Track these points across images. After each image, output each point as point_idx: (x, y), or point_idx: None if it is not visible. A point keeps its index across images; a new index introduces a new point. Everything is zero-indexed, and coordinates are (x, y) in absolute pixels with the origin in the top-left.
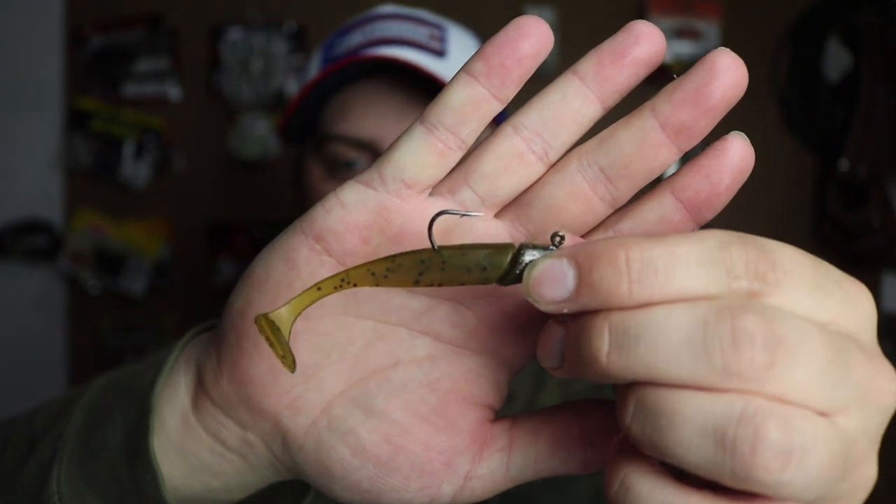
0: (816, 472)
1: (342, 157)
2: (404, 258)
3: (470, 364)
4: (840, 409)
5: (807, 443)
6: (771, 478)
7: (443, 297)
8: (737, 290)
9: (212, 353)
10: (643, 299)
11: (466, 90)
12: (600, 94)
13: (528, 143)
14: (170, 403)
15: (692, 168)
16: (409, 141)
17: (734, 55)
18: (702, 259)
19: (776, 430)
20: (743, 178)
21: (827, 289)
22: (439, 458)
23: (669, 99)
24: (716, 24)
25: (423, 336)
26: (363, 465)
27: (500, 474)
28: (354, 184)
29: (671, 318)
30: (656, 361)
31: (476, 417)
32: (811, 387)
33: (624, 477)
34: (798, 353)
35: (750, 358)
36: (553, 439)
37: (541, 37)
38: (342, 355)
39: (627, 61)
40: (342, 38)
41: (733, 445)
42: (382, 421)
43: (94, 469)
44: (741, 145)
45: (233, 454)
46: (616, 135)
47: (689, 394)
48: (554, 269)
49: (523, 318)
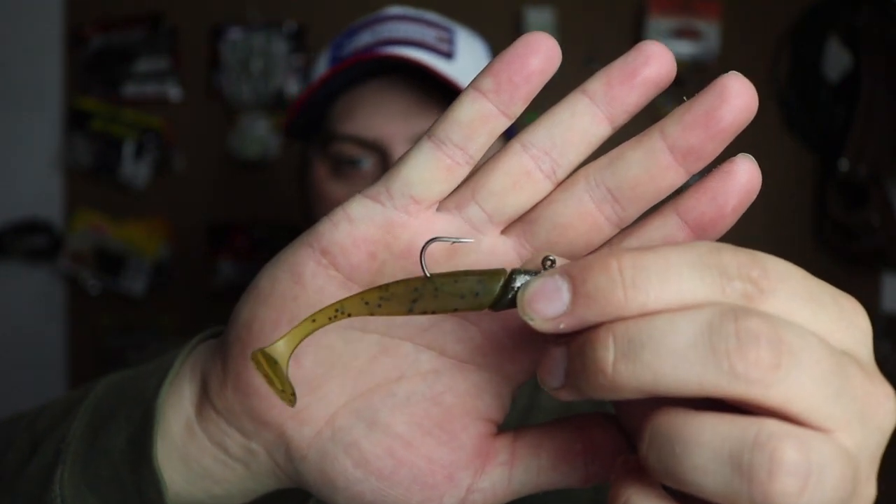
0: (832, 494)
1: (347, 155)
2: (397, 287)
3: (474, 379)
4: (842, 425)
5: (823, 463)
6: (789, 502)
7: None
8: (731, 293)
9: (217, 363)
10: (639, 304)
11: (475, 106)
12: (609, 114)
13: (537, 160)
14: (174, 410)
15: (698, 189)
16: (418, 156)
17: (745, 79)
18: (693, 263)
19: (793, 451)
20: (749, 200)
21: (822, 301)
22: (441, 472)
23: (679, 122)
24: (716, 24)
25: (428, 350)
26: (366, 477)
27: (502, 487)
28: (362, 198)
29: (675, 324)
30: (662, 367)
31: (479, 431)
32: (815, 395)
33: (626, 499)
34: (802, 358)
35: (756, 358)
36: (555, 453)
37: (549, 52)
38: (347, 368)
39: (637, 81)
40: (351, 38)
41: (750, 470)
42: (386, 434)
43: (97, 472)
44: (748, 167)
45: (236, 462)
46: (624, 155)
47: (703, 418)
48: (547, 285)
49: (527, 334)
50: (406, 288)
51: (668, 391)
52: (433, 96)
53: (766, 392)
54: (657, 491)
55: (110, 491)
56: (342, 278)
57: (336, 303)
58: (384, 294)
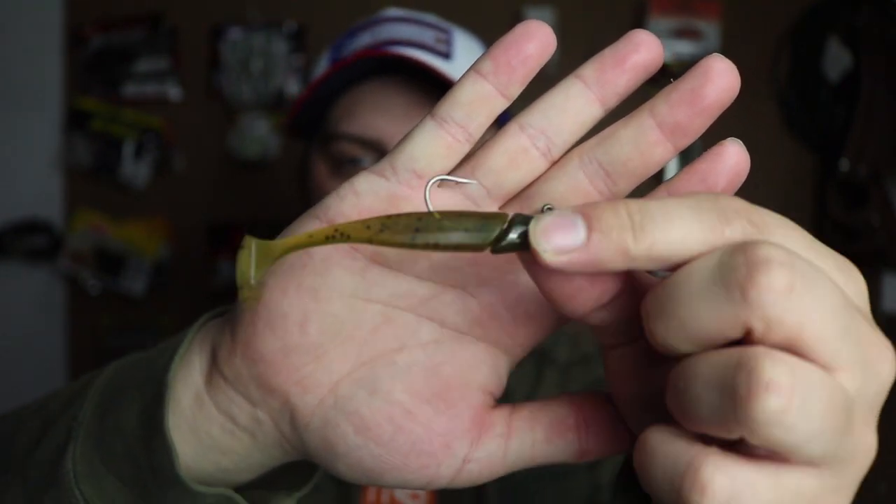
0: (820, 422)
1: (347, 154)
2: (400, 217)
3: (472, 350)
4: (846, 365)
5: (809, 387)
6: (769, 418)
7: (448, 283)
8: (731, 234)
9: (226, 332)
10: (646, 245)
11: (475, 86)
12: (601, 96)
13: (533, 140)
14: (184, 382)
15: (688, 171)
16: (421, 133)
17: (728, 61)
18: (692, 206)
19: (773, 369)
20: (738, 181)
21: (821, 252)
22: (439, 440)
23: (666, 100)
24: (716, 24)
25: (429, 321)
26: (366, 443)
27: (498, 459)
28: (367, 174)
29: (688, 273)
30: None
31: (476, 402)
32: (826, 327)
33: (644, 435)
34: (816, 286)
35: (768, 282)
36: (550, 427)
37: (544, 39)
38: (351, 337)
39: (627, 66)
40: (351, 39)
41: (732, 390)
42: (386, 401)
43: (110, 447)
44: (736, 150)
45: (243, 432)
46: (616, 133)
47: (704, 353)
48: (565, 217)
49: (523, 308)
50: (409, 219)
51: (692, 339)
52: (433, 96)
53: (781, 315)
54: (671, 426)
55: (123, 465)
56: (347, 247)
57: (337, 224)
58: (387, 221)
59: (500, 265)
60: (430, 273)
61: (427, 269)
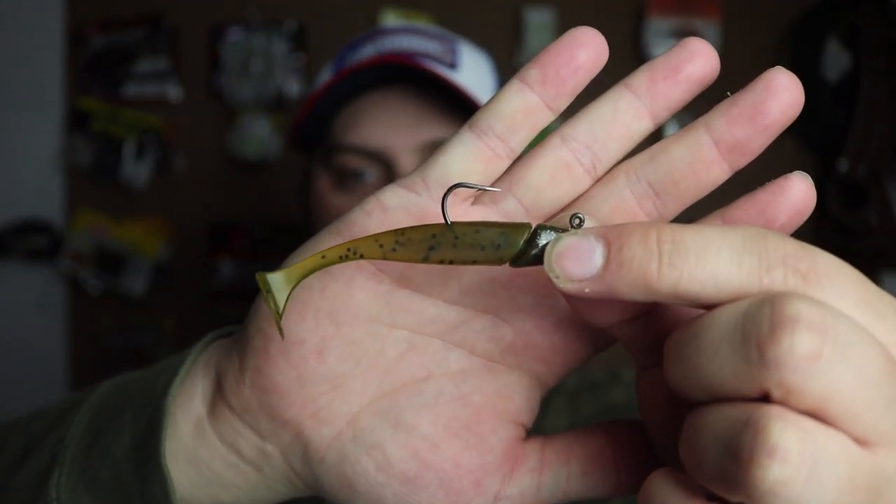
0: (835, 499)
1: (351, 167)
2: (414, 232)
3: (504, 380)
4: (885, 441)
5: (824, 458)
6: (770, 488)
7: (480, 309)
8: (769, 283)
9: (234, 359)
10: (671, 282)
11: (520, 97)
12: (652, 110)
13: (577, 154)
14: (184, 409)
15: (747, 201)
16: (458, 146)
17: (792, 75)
18: (734, 245)
19: (783, 433)
20: (800, 219)
21: (880, 311)
22: (469, 477)
23: (725, 115)
24: (716, 24)
25: (458, 349)
26: (388, 480)
27: (530, 495)
28: (396, 187)
29: (712, 318)
30: (700, 366)
31: (508, 435)
32: (861, 399)
33: (649, 478)
34: (851, 353)
35: (791, 345)
36: (586, 460)
37: (598, 47)
38: (373, 365)
39: (681, 77)
40: (353, 51)
41: (736, 450)
42: (411, 435)
43: (97, 475)
44: (803, 185)
45: (247, 465)
46: (668, 150)
47: (715, 405)
48: (582, 244)
49: (561, 335)
50: (424, 233)
51: (706, 391)
52: (438, 106)
53: (801, 384)
54: (676, 474)
55: (111, 494)
56: (373, 269)
57: (349, 241)
58: (400, 238)
59: (536, 288)
60: (459, 297)
61: (457, 292)
